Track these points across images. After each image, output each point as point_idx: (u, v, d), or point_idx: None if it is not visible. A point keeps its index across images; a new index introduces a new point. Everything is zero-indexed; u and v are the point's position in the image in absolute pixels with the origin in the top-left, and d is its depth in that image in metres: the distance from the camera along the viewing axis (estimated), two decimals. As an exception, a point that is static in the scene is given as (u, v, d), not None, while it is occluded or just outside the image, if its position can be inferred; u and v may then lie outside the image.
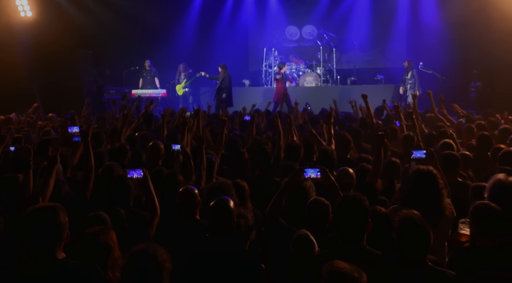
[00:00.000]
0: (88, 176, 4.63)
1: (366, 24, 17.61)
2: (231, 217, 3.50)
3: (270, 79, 17.64)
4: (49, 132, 8.66)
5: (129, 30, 17.39)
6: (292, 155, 5.92)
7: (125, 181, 4.45)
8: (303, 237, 3.40)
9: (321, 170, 3.98)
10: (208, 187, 4.51)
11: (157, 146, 6.02)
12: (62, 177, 5.27)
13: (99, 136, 7.41)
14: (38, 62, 15.49)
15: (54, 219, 2.81)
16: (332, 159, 5.54)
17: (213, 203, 3.59)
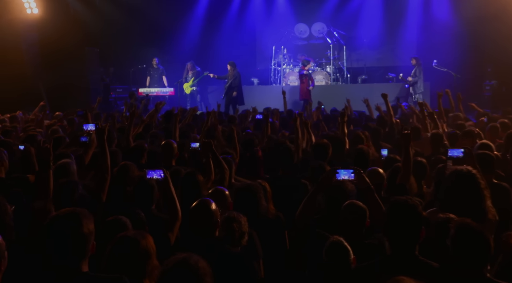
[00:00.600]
0: (103, 177, 4.37)
1: (376, 21, 17.28)
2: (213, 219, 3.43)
3: (279, 77, 17.37)
4: (57, 131, 8.41)
5: (135, 28, 17.16)
6: (320, 154, 5.64)
7: (149, 182, 4.19)
8: (336, 245, 3.14)
9: (355, 171, 3.71)
10: (236, 189, 4.27)
11: (171, 145, 5.76)
12: (76, 177, 5.02)
13: (110, 134, 7.16)
14: (44, 60, 15.31)
15: (78, 228, 2.50)
16: (367, 160, 5.28)
17: (194, 204, 3.53)
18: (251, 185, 4.26)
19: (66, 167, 4.99)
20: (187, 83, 16.90)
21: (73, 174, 4.93)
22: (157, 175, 4.07)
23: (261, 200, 4.23)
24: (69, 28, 14.90)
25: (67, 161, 5.14)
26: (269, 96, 15.27)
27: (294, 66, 17.36)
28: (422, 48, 16.81)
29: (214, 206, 3.49)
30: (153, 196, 4.27)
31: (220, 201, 3.98)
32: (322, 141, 5.91)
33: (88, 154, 6.33)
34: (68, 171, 4.95)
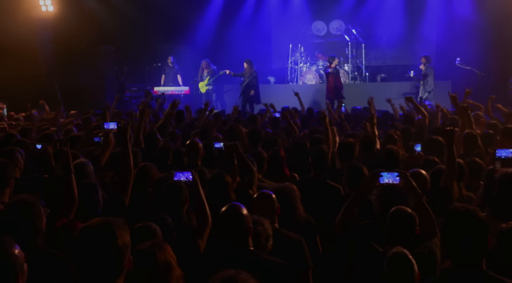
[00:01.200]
0: (126, 179, 4.10)
1: (395, 18, 16.88)
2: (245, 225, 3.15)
3: (296, 76, 17.07)
4: (71, 130, 8.18)
5: (150, 26, 16.93)
6: (345, 154, 5.35)
7: (178, 184, 3.92)
8: (400, 257, 2.83)
9: (400, 175, 3.41)
10: (274, 189, 4.00)
11: (196, 145, 5.50)
12: (94, 179, 4.77)
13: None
14: (59, 59, 15.18)
15: (113, 241, 2.16)
16: (397, 161, 4.97)
17: (224, 209, 3.22)
18: (285, 188, 3.99)
19: (82, 167, 4.72)
20: (202, 82, 16.63)
21: (91, 175, 4.67)
22: (185, 177, 3.80)
23: (297, 203, 3.96)
24: (84, 26, 14.75)
25: (83, 161, 4.87)
26: (285, 95, 14.89)
27: (311, 64, 17.06)
28: (443, 46, 16.44)
29: (246, 211, 3.20)
30: (182, 200, 3.99)
31: (268, 205, 3.71)
32: (348, 140, 5.61)
33: (105, 155, 6.08)
34: (85, 172, 4.69)
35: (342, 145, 5.45)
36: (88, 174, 4.64)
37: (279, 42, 18.34)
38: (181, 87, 16.63)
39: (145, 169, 4.88)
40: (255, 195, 3.85)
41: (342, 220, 3.46)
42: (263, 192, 3.81)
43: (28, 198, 3.03)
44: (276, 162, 5.32)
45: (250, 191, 4.62)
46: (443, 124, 4.58)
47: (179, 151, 5.83)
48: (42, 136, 6.86)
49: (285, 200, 3.93)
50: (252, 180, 4.71)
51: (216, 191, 4.39)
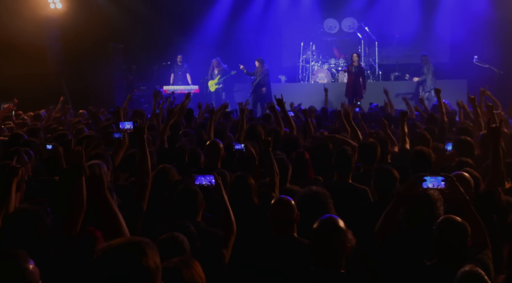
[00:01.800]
0: (144, 183, 3.82)
1: (409, 16, 16.49)
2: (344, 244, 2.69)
3: (307, 74, 16.77)
4: (82, 129, 7.92)
5: (160, 24, 16.66)
6: (367, 156, 5.05)
7: (193, 189, 3.64)
8: (475, 277, 2.49)
9: (446, 179, 3.12)
10: (301, 196, 3.71)
11: (217, 145, 5.22)
12: (108, 182, 4.50)
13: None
14: (67, 57, 14.94)
15: (142, 262, 1.84)
16: (429, 162, 4.66)
17: (318, 223, 2.77)
18: (318, 192, 3.70)
19: (95, 169, 4.47)
20: (212, 80, 16.38)
21: (106, 177, 4.40)
22: (207, 182, 3.52)
23: (330, 210, 3.68)
24: (92, 24, 14.48)
25: (97, 163, 4.59)
26: (297, 94, 14.63)
27: (323, 63, 16.75)
28: (458, 43, 16.00)
29: (342, 224, 2.81)
30: (198, 205, 3.71)
31: (287, 212, 3.43)
32: (369, 141, 5.29)
33: (119, 155, 5.83)
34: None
35: (364, 147, 5.13)
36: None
37: (290, 40, 18.00)
38: (190, 86, 16.36)
39: (164, 171, 4.62)
40: (273, 201, 3.57)
41: (382, 230, 3.16)
42: (281, 198, 3.53)
43: (30, 209, 2.76)
44: (301, 165, 5.02)
45: (273, 194, 4.34)
46: (488, 122, 4.22)
47: (196, 152, 5.55)
48: (55, 136, 6.59)
49: (318, 206, 3.65)
50: (274, 182, 4.43)
51: (238, 195, 4.12)
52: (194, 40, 17.14)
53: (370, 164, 4.97)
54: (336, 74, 16.48)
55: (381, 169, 4.24)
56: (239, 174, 4.27)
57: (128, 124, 4.69)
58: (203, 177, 3.55)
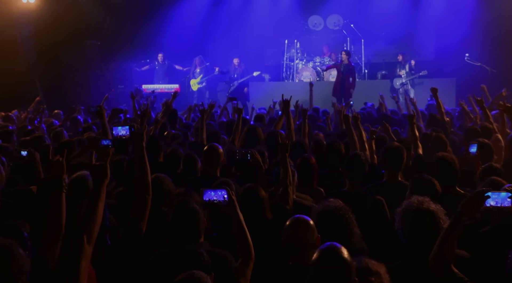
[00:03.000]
0: (143, 199, 3.24)
1: (395, 13, 16.10)
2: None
3: (292, 73, 16.28)
4: (61, 133, 7.23)
5: (139, 20, 15.99)
6: (393, 162, 4.53)
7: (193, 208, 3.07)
8: None
9: (514, 196, 2.62)
10: (318, 212, 3.17)
11: (216, 151, 4.65)
12: None
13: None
14: (41, 54, 14.29)
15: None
16: (455, 171, 4.18)
17: (318, 255, 2.35)
18: (339, 208, 3.18)
19: (83, 182, 3.85)
20: (194, 79, 15.79)
21: None
22: (219, 198, 2.98)
23: (354, 227, 3.16)
24: (67, 19, 13.94)
25: (83, 174, 3.99)
26: (282, 93, 14.09)
27: (308, 61, 16.28)
28: (444, 41, 15.74)
29: (347, 253, 2.36)
30: (200, 226, 3.16)
31: (306, 235, 2.90)
32: (394, 145, 4.75)
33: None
34: (87, 189, 3.82)
35: (390, 152, 4.59)
36: (89, 190, 3.77)
37: (272, 38, 17.42)
38: (170, 85, 15.73)
39: (157, 182, 4.03)
40: (288, 222, 3.00)
41: (439, 257, 2.64)
42: (298, 218, 2.97)
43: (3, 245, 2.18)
44: (306, 172, 4.50)
45: (287, 207, 3.81)
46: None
47: (192, 158, 4.98)
48: (30, 140, 5.94)
49: (339, 223, 3.13)
50: (287, 193, 3.90)
51: (249, 210, 3.56)
52: (173, 38, 16.45)
53: (395, 171, 4.47)
54: (321, 73, 16.02)
55: (419, 179, 3.74)
56: (249, 186, 3.72)
57: (123, 130, 4.09)
58: (214, 192, 3.00)
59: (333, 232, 3.02)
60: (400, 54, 14.57)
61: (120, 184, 4.87)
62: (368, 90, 14.20)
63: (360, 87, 14.16)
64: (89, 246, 2.55)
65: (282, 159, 3.97)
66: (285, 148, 4.00)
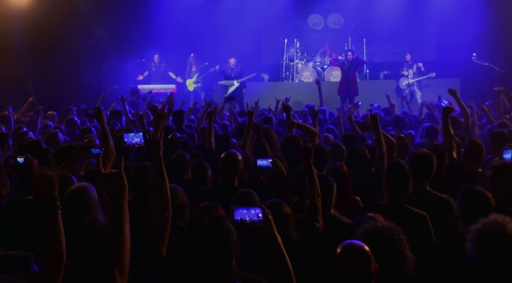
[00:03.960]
0: (162, 218, 2.79)
1: (396, 12, 15.74)
2: None
3: (291, 73, 15.88)
4: (55, 135, 6.77)
5: (134, 18, 15.51)
6: (421, 171, 4.14)
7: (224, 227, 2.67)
8: None
9: None
10: (363, 234, 2.74)
11: (234, 158, 4.22)
12: (99, 210, 3.45)
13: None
14: (33, 53, 13.68)
15: None
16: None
17: None
18: (387, 228, 2.75)
19: (82, 196, 3.37)
20: (190, 79, 15.36)
21: (94, 205, 3.34)
22: (252, 217, 2.56)
23: (406, 249, 2.75)
24: (61, 17, 13.43)
25: (82, 186, 3.51)
26: (281, 94, 13.67)
27: (308, 61, 15.91)
28: (445, 41, 15.42)
29: None
30: (231, 248, 2.76)
31: (363, 267, 2.48)
32: (423, 151, 4.34)
33: (106, 169, 4.79)
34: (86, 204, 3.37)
35: (418, 159, 4.17)
36: (89, 208, 3.31)
37: (270, 37, 17.06)
38: (167, 85, 15.31)
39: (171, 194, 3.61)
40: (339, 250, 2.53)
41: None
42: (353, 245, 2.51)
43: None
44: (339, 182, 4.07)
45: (317, 225, 3.40)
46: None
47: (201, 165, 4.55)
48: (26, 145, 5.49)
49: (389, 247, 2.71)
50: (316, 207, 3.49)
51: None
52: (168, 37, 15.98)
53: (424, 180, 4.08)
54: (322, 73, 15.64)
55: (470, 191, 3.33)
56: (272, 202, 3.30)
57: (137, 137, 3.63)
58: (246, 210, 2.59)
59: (383, 257, 2.60)
60: (409, 53, 14.24)
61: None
62: (371, 90, 13.85)
63: (363, 88, 13.83)
64: (123, 281, 2.13)
65: (307, 166, 3.55)
66: (309, 153, 3.58)
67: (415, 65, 14.18)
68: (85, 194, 3.40)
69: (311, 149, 3.58)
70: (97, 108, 5.40)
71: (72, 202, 3.28)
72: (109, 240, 2.23)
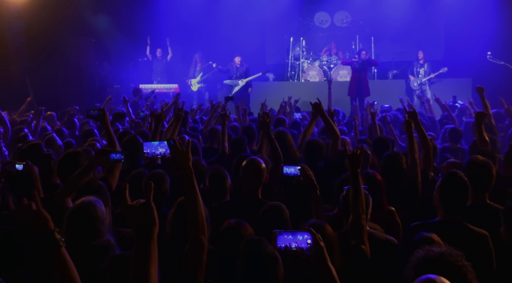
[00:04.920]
0: (197, 243, 2.36)
1: (404, 10, 15.29)
2: None
3: (297, 72, 15.45)
4: (53, 140, 6.25)
5: (135, 15, 15.07)
6: (480, 182, 3.68)
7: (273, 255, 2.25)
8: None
9: None
10: (419, 262, 2.30)
11: (258, 167, 3.75)
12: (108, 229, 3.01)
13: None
14: (32, 51, 13.39)
15: None
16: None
17: None
18: (448, 254, 2.31)
19: (89, 212, 2.92)
20: (194, 79, 14.91)
21: (101, 224, 2.91)
22: (301, 244, 2.14)
23: (473, 279, 2.32)
24: (60, 15, 13.11)
25: (89, 202, 3.06)
26: (287, 94, 13.23)
27: (314, 60, 15.47)
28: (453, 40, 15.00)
29: None
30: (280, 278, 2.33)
31: None
32: (479, 159, 3.85)
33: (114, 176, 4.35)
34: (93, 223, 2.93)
35: (476, 168, 3.71)
36: (98, 223, 2.87)
37: (275, 35, 16.60)
38: (169, 84, 14.89)
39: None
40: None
41: None
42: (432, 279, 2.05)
43: None
44: (374, 192, 3.62)
45: (363, 247, 2.96)
46: None
47: (219, 172, 4.10)
48: (25, 149, 5.05)
49: (453, 277, 2.27)
50: (361, 226, 3.01)
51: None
52: (171, 35, 15.54)
53: (483, 192, 3.67)
54: (328, 72, 15.20)
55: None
56: (313, 223, 2.84)
57: (161, 147, 3.14)
58: (292, 235, 2.16)
59: None
60: (421, 51, 13.77)
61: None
62: (381, 90, 13.42)
63: (372, 88, 13.37)
64: None
65: (354, 177, 3.09)
66: (357, 161, 3.12)
67: (426, 64, 13.73)
68: (92, 211, 2.96)
69: (360, 157, 3.13)
70: (101, 109, 4.97)
71: (78, 220, 2.86)
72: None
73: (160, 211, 3.81)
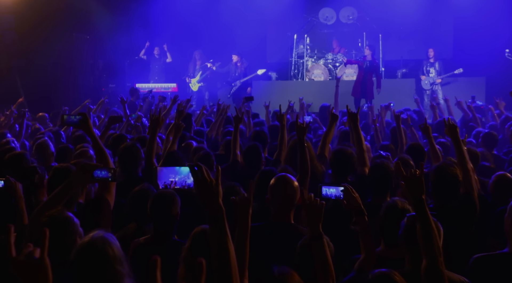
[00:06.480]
0: (226, 274, 1.70)
1: (412, 6, 14.71)
2: None
3: (301, 71, 14.81)
4: (45, 146, 5.50)
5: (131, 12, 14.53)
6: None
7: None
8: None
9: None
10: None
11: (292, 186, 3.00)
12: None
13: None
14: (23, 48, 13.10)
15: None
16: None
17: None
18: None
19: (102, 255, 2.17)
20: (194, 78, 14.30)
21: (120, 264, 2.26)
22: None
23: None
24: (53, 10, 12.76)
25: (100, 238, 2.33)
26: (290, 93, 12.57)
27: (319, 58, 14.86)
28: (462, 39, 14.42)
29: None
30: None
31: None
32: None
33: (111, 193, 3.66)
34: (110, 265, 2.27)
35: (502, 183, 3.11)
36: (115, 264, 2.21)
37: (276, 33, 16.00)
38: (167, 84, 14.26)
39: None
40: None
41: None
42: None
43: None
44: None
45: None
46: None
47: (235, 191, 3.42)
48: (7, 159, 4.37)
49: None
50: (439, 272, 2.25)
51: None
52: (170, 33, 14.90)
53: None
54: (333, 71, 14.59)
55: None
56: (380, 273, 2.15)
57: (187, 177, 2.37)
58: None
59: None
60: (432, 49, 13.18)
61: (141, 224, 3.45)
62: (389, 90, 12.76)
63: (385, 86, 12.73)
64: None
65: (419, 207, 2.33)
66: (420, 186, 2.35)
67: (437, 62, 13.14)
68: (106, 251, 2.25)
69: (422, 179, 2.41)
70: (81, 113, 4.00)
71: (88, 265, 2.17)
72: None
73: (170, 239, 3.16)
